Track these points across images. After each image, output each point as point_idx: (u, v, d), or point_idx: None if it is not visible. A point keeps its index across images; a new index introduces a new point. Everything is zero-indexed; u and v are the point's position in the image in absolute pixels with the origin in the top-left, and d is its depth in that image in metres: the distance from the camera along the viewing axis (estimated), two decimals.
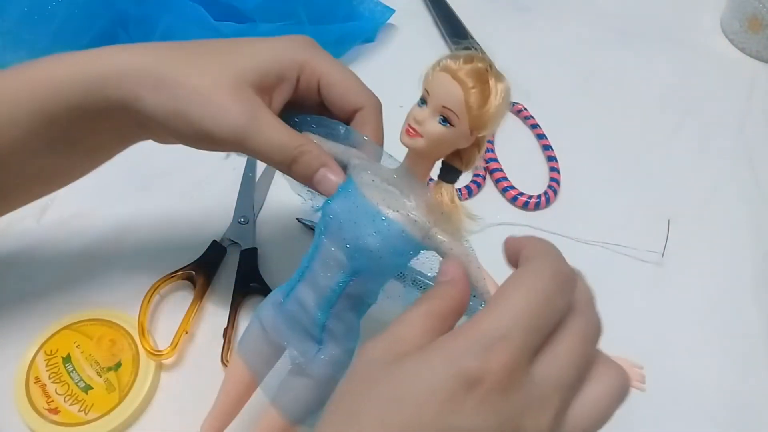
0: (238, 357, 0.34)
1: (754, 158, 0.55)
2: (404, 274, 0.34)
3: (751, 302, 0.46)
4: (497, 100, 0.28)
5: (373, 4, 0.63)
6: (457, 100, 0.27)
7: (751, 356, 0.44)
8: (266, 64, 0.33)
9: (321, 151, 0.32)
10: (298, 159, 0.32)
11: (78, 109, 0.32)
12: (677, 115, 0.59)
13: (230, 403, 0.34)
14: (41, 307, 0.43)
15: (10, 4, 0.51)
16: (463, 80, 0.27)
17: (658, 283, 0.47)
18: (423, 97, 0.29)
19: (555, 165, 0.53)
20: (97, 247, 0.47)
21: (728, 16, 0.65)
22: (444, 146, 0.29)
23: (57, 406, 0.38)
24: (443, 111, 0.28)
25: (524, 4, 0.68)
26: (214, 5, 0.53)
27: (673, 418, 0.41)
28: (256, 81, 0.32)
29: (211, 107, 0.31)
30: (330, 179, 0.31)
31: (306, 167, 0.32)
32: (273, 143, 0.31)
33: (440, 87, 0.28)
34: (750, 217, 0.51)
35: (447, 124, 0.28)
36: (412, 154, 0.30)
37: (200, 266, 0.44)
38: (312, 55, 0.34)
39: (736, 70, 0.63)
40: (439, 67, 0.28)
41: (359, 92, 0.35)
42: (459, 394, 0.22)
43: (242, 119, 0.31)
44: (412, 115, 0.29)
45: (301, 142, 0.32)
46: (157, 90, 0.31)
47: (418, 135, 0.28)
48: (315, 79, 0.34)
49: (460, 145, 0.29)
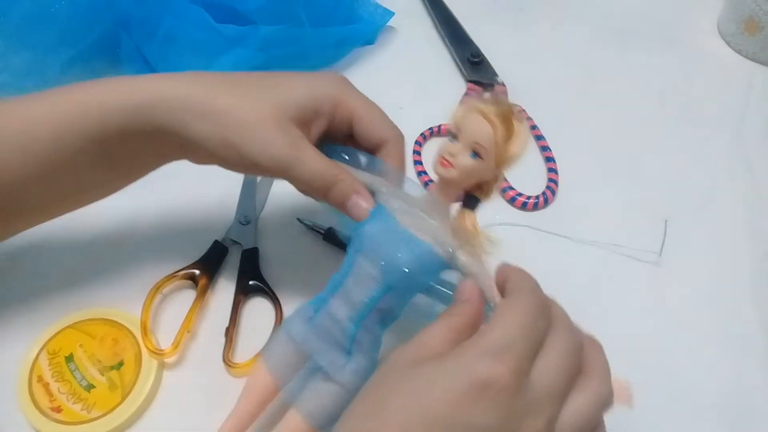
0: (262, 365, 0.36)
1: (751, 159, 0.56)
2: (430, 289, 0.36)
3: (749, 302, 0.47)
4: (520, 139, 0.32)
5: (373, 7, 0.63)
6: (487, 137, 0.31)
7: (749, 356, 0.44)
8: (305, 100, 0.36)
9: (354, 180, 0.35)
10: (333, 187, 0.35)
11: (126, 132, 0.35)
12: (674, 116, 0.59)
13: (251, 408, 0.36)
14: (44, 307, 0.43)
15: (12, 5, 0.51)
16: (492, 120, 0.31)
17: (655, 283, 0.47)
18: (454, 134, 0.33)
19: (553, 165, 0.54)
20: (99, 246, 0.47)
21: (725, 18, 0.66)
22: (472, 177, 0.33)
23: (60, 404, 0.39)
24: (474, 146, 0.32)
25: (523, 6, 0.68)
26: (215, 7, 0.54)
27: (671, 418, 0.41)
28: (296, 115, 0.35)
29: (259, 139, 0.34)
30: (361, 205, 0.35)
31: (341, 194, 0.35)
32: (313, 173, 0.35)
33: (472, 125, 0.32)
34: (747, 217, 0.52)
35: (477, 157, 0.32)
36: (442, 183, 0.34)
37: (202, 266, 0.45)
38: (345, 92, 0.37)
39: (733, 72, 0.63)
40: (470, 109, 0.32)
41: (386, 127, 0.38)
42: (472, 394, 0.25)
43: (287, 150, 0.34)
44: (446, 149, 0.33)
45: (337, 171, 0.35)
46: (206, 119, 0.34)
47: (451, 166, 0.32)
48: (348, 114, 0.37)
49: (485, 177, 0.33)
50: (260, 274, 0.45)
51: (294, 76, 0.38)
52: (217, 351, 0.41)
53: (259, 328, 0.43)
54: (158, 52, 0.54)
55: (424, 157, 0.54)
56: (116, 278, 0.45)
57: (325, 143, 0.38)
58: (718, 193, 0.53)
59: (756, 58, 0.64)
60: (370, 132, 0.38)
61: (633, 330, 0.45)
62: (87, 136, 0.35)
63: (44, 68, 0.52)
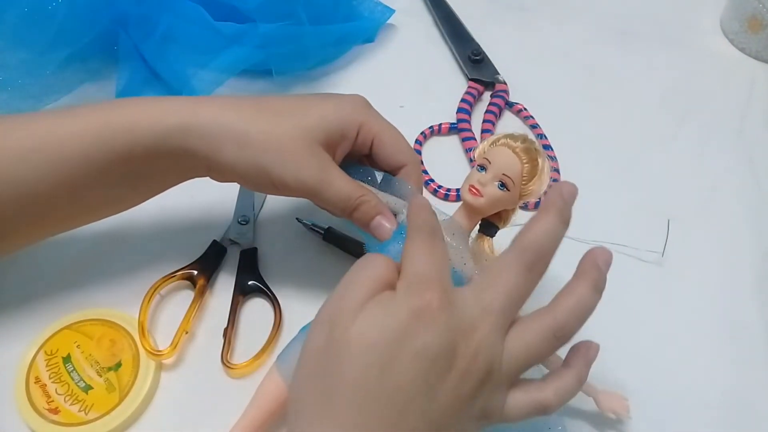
0: (275, 371, 0.36)
1: (754, 158, 0.55)
2: None
3: (751, 302, 0.46)
4: (542, 177, 0.36)
5: (373, 4, 0.63)
6: (515, 170, 0.35)
7: (752, 356, 0.44)
8: (332, 124, 0.38)
9: (378, 201, 0.38)
10: (358, 208, 0.37)
11: (154, 153, 0.36)
12: (677, 115, 0.59)
13: (261, 416, 0.36)
14: (41, 307, 0.43)
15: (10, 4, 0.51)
16: (520, 155, 0.35)
17: (658, 282, 0.47)
18: (483, 165, 0.36)
19: (555, 165, 0.54)
20: (97, 246, 0.47)
21: (728, 16, 0.65)
22: (496, 207, 0.36)
23: (57, 406, 0.38)
24: (502, 178, 0.35)
25: (524, 4, 0.68)
26: (214, 5, 0.53)
27: (673, 417, 0.41)
28: (324, 138, 0.37)
29: (291, 164, 0.36)
30: (384, 226, 0.37)
31: (365, 215, 0.37)
32: (340, 195, 0.37)
33: (502, 158, 0.35)
34: (750, 216, 0.51)
35: (504, 188, 0.35)
36: (467, 210, 0.37)
37: (200, 266, 0.45)
38: (368, 116, 0.39)
39: (736, 71, 0.63)
40: (500, 143, 0.36)
41: (405, 151, 0.40)
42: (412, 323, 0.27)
43: (317, 174, 0.36)
44: (475, 178, 0.36)
45: (362, 193, 0.37)
46: (240, 145, 0.36)
47: (480, 195, 0.35)
48: (370, 137, 0.39)
49: (507, 207, 0.37)
50: (259, 275, 0.45)
51: (322, 100, 0.39)
52: (216, 352, 0.41)
53: (257, 328, 0.42)
54: (156, 50, 0.54)
55: (424, 156, 0.54)
56: (114, 278, 0.45)
57: (345, 161, 0.40)
58: (721, 193, 0.53)
59: (759, 57, 0.63)
60: (391, 155, 0.40)
61: (635, 330, 0.45)
62: (113, 155, 0.36)
63: (41, 67, 0.52)
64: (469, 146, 0.54)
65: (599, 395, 0.40)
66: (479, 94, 0.59)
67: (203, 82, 0.54)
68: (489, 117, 0.56)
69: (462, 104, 0.57)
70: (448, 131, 0.56)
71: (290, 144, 0.36)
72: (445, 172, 0.53)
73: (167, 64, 0.54)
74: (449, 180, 0.52)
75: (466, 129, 0.55)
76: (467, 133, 0.55)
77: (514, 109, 0.58)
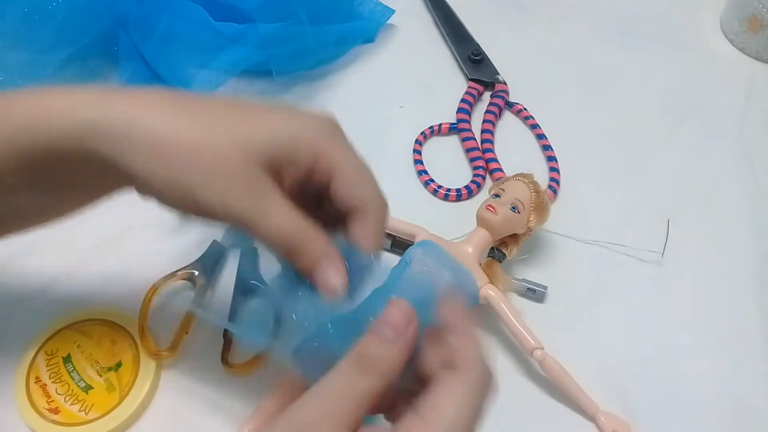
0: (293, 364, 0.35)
1: (754, 158, 0.55)
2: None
3: (751, 302, 0.46)
4: (542, 212, 0.44)
5: (373, 5, 0.63)
6: (526, 197, 0.44)
7: (751, 356, 0.44)
8: (281, 145, 0.30)
9: (327, 243, 0.30)
10: (300, 248, 0.29)
11: (58, 153, 0.29)
12: (677, 114, 0.59)
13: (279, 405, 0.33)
14: (42, 307, 0.43)
15: (10, 4, 0.51)
16: (529, 185, 0.44)
17: (657, 283, 0.47)
18: (497, 194, 0.44)
19: (555, 165, 0.54)
20: (97, 246, 0.46)
21: (728, 16, 0.65)
22: (507, 226, 0.43)
23: (57, 406, 0.38)
24: (514, 202, 0.43)
25: (524, 4, 0.68)
26: (213, 5, 0.53)
27: (673, 418, 0.41)
28: (267, 159, 0.29)
29: (219, 186, 0.28)
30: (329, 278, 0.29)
31: (307, 259, 0.29)
32: (279, 229, 0.29)
33: (514, 187, 0.44)
34: (750, 216, 0.51)
35: (515, 211, 0.43)
36: (480, 231, 0.43)
37: (201, 266, 0.44)
38: (332, 144, 0.31)
39: (736, 70, 0.63)
40: (513, 178, 0.45)
41: (369, 191, 0.32)
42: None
43: (250, 203, 0.29)
44: (491, 201, 0.43)
45: (306, 229, 0.29)
46: (156, 155, 0.28)
47: (495, 212, 0.42)
48: (327, 173, 0.31)
49: (516, 230, 0.44)
50: (259, 275, 0.45)
51: (272, 112, 0.31)
52: (216, 352, 0.41)
53: None
54: (156, 50, 0.54)
55: (424, 157, 0.54)
56: (114, 278, 0.45)
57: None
58: (721, 193, 0.53)
59: (759, 57, 0.63)
60: (349, 193, 0.31)
61: (635, 330, 0.45)
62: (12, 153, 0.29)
63: (41, 67, 0.52)
64: (469, 146, 0.54)
65: (599, 415, 0.40)
66: (479, 94, 0.59)
67: (203, 83, 0.54)
68: (489, 117, 0.56)
69: (462, 104, 0.57)
70: (448, 131, 0.56)
71: (221, 160, 0.28)
72: (445, 172, 0.53)
73: (167, 64, 0.54)
74: (449, 180, 0.52)
75: (466, 129, 0.55)
76: (467, 133, 0.55)
77: (514, 109, 0.58)
